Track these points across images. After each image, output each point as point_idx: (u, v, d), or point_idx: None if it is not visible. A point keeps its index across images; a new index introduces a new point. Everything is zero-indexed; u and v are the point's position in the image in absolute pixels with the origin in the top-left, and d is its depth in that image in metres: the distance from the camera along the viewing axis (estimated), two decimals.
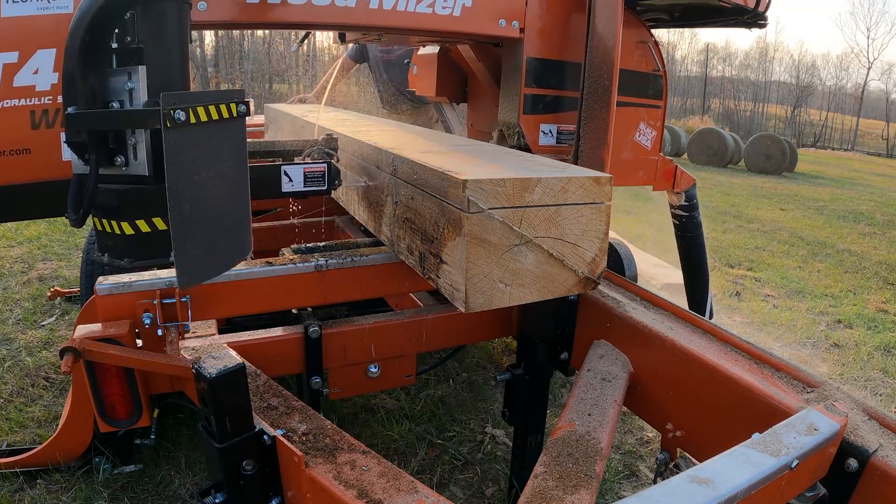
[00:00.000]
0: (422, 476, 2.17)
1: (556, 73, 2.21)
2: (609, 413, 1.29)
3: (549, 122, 2.27)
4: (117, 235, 1.27)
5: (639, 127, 2.45)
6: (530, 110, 2.21)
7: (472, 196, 1.21)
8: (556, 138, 2.31)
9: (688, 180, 2.63)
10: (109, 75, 1.22)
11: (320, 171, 1.72)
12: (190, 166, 1.10)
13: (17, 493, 1.92)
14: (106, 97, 1.22)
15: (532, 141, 2.24)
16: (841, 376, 3.33)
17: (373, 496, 1.01)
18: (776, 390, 1.22)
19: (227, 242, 1.26)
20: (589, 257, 1.40)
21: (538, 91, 2.20)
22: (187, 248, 1.12)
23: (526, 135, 2.23)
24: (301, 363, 1.64)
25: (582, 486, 1.06)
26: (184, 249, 1.11)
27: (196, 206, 1.12)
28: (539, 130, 2.26)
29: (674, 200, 2.68)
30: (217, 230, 1.21)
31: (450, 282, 1.33)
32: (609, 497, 2.12)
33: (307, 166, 1.71)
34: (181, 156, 1.08)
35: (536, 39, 2.12)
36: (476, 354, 3.11)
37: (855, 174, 17.51)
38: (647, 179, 2.57)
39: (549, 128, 2.28)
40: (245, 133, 1.27)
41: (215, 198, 1.18)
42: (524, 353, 1.82)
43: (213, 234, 1.20)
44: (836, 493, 1.10)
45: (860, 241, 7.05)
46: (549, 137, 2.30)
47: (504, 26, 2.05)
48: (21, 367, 2.71)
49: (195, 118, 1.09)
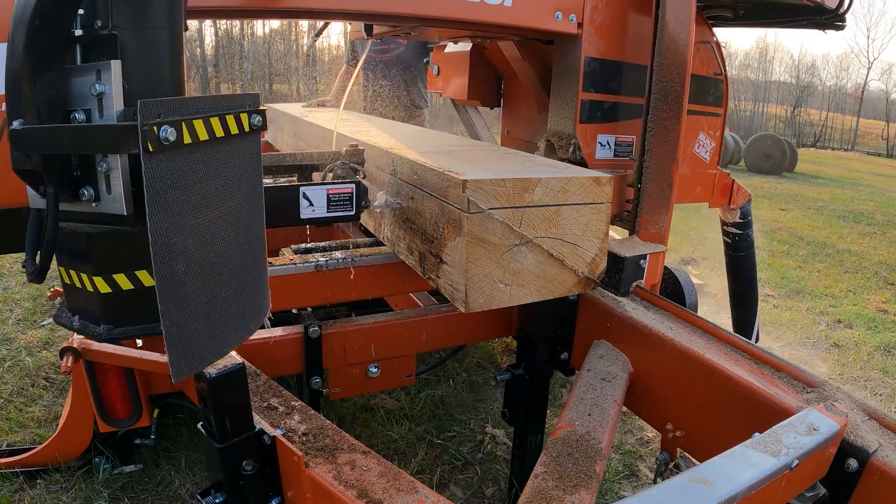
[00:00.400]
0: (422, 476, 2.17)
1: (616, 77, 1.96)
2: (609, 413, 1.29)
3: (606, 131, 1.99)
4: (90, 293, 0.95)
5: (698, 137, 2.21)
6: (587, 118, 1.94)
7: (473, 196, 1.21)
8: (613, 150, 2.03)
9: (744, 195, 2.42)
10: (70, 75, 0.89)
11: (347, 193, 1.46)
12: (183, 207, 0.80)
13: (17, 493, 1.92)
14: (66, 105, 0.89)
15: (588, 154, 1.98)
16: (841, 376, 3.32)
17: (373, 496, 1.01)
18: (776, 390, 1.22)
19: (238, 306, 0.95)
20: (589, 257, 1.40)
21: (596, 96, 1.93)
22: (182, 323, 0.82)
23: (582, 147, 1.96)
24: (301, 363, 1.64)
25: (582, 486, 1.06)
26: (177, 326, 0.81)
27: (193, 262, 0.83)
28: (596, 142, 1.98)
29: (727, 217, 2.47)
30: (224, 292, 0.91)
31: (450, 282, 1.33)
32: (609, 497, 2.12)
33: (332, 187, 1.44)
34: (171, 192, 0.77)
35: (595, 37, 1.86)
36: (476, 354, 3.11)
37: (855, 174, 17.50)
38: (704, 195, 2.32)
39: (606, 139, 2.01)
40: (260, 155, 0.98)
41: (221, 248, 0.89)
42: (524, 353, 1.82)
43: (219, 298, 0.90)
44: (836, 493, 1.10)
45: (860, 241, 7.05)
46: (607, 150, 2.02)
47: (560, 20, 1.77)
48: (21, 367, 2.71)
49: (191, 136, 0.80)
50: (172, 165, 0.78)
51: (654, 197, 1.81)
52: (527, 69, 2.25)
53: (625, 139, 2.04)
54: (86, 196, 0.90)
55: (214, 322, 0.89)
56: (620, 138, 2.03)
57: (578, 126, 1.93)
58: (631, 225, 1.85)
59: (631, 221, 1.85)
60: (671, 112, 1.75)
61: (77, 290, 0.98)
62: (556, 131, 2.02)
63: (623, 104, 2.00)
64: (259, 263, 1.01)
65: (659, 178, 1.80)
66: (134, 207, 0.89)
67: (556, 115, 2.02)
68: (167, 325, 0.79)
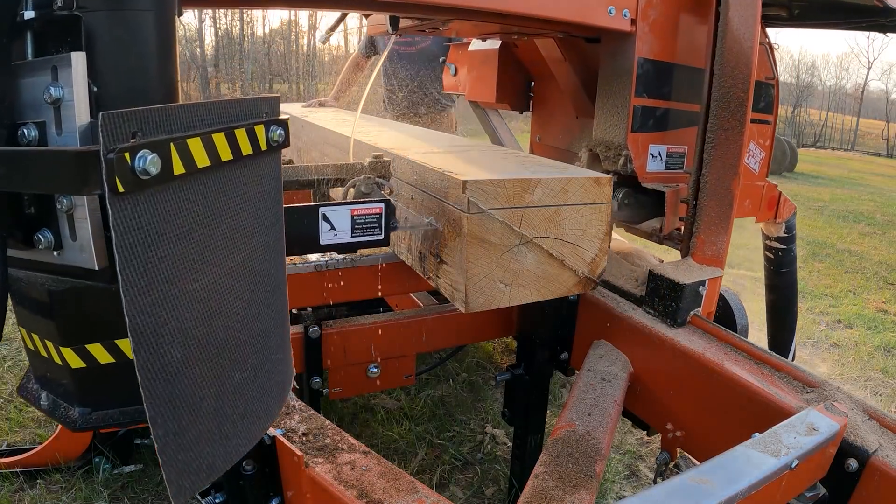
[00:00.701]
0: (422, 476, 2.17)
1: (669, 80, 1.76)
2: (609, 413, 1.29)
3: (658, 141, 1.79)
4: (58, 366, 0.71)
5: (748, 147, 2.02)
6: (639, 126, 1.74)
7: (473, 197, 1.21)
8: (665, 162, 1.83)
9: (790, 208, 2.25)
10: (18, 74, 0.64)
11: (375, 214, 1.25)
12: (176, 268, 0.56)
13: (17, 493, 1.92)
14: (12, 116, 0.64)
15: (639, 166, 1.76)
16: (841, 376, 3.32)
17: (373, 496, 1.01)
18: (776, 390, 1.22)
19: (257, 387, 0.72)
20: (589, 257, 1.40)
21: (649, 102, 1.74)
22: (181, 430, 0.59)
23: (633, 158, 1.75)
24: (301, 363, 1.64)
25: (582, 486, 1.06)
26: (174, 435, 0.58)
27: (194, 345, 0.59)
28: (647, 153, 1.78)
29: (772, 231, 2.29)
30: (237, 374, 0.68)
31: (450, 282, 1.33)
32: (609, 497, 2.12)
33: (356, 207, 1.24)
34: (156, 249, 0.53)
35: (649, 35, 1.67)
36: (476, 354, 3.11)
37: (855, 174, 17.51)
38: (752, 210, 2.13)
39: (658, 149, 1.80)
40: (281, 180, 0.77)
41: (232, 316, 0.65)
42: (524, 353, 1.83)
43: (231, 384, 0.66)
44: (836, 494, 1.10)
45: (860, 241, 7.05)
46: (658, 161, 1.81)
47: (613, 15, 1.58)
48: (21, 367, 2.71)
49: (184, 164, 0.55)
50: (157, 209, 0.52)
51: (712, 215, 1.63)
52: (567, 70, 2.03)
53: (676, 150, 1.85)
54: (43, 243, 0.64)
55: (225, 417, 0.65)
56: (672, 149, 1.84)
57: (630, 135, 1.73)
58: (684, 245, 1.68)
59: (684, 241, 1.68)
60: (733, 121, 1.57)
61: (43, 359, 0.73)
62: (603, 140, 1.81)
63: (675, 111, 1.82)
64: (282, 323, 0.78)
65: (718, 194, 1.61)
66: (108, 259, 0.63)
67: (603, 123, 1.81)
68: (160, 434, 0.57)
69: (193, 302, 0.58)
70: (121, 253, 0.50)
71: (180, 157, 0.55)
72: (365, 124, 2.53)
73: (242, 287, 0.66)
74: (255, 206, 0.68)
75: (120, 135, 0.49)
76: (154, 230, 0.53)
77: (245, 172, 0.66)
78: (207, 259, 0.60)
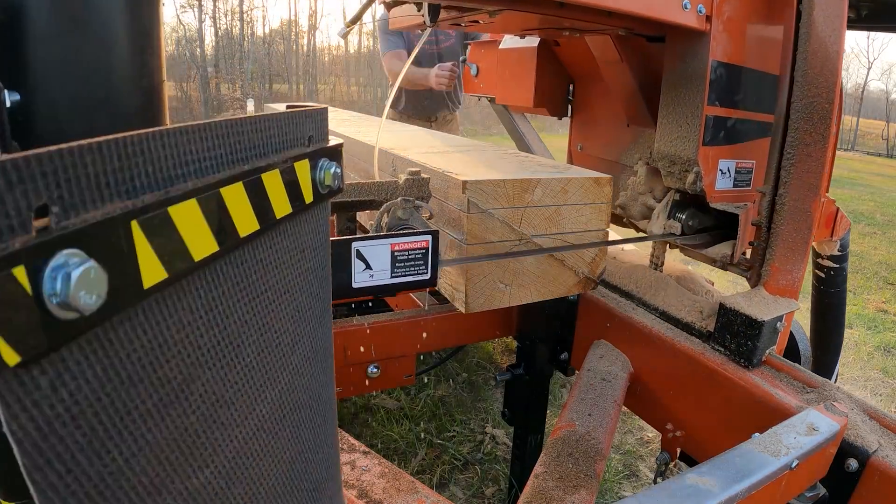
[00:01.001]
0: (422, 476, 2.17)
1: (740, 87, 1.56)
2: (609, 413, 1.29)
3: (728, 156, 1.58)
4: None
5: None
6: (711, 139, 1.52)
7: (473, 197, 1.21)
8: (733, 180, 1.62)
9: (845, 225, 2.10)
10: None
11: (420, 249, 1.04)
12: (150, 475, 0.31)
13: None
14: None
15: (709, 183, 1.55)
16: (841, 376, 3.32)
17: (373, 496, 1.01)
18: (776, 390, 1.22)
19: None
20: (589, 257, 1.40)
21: (721, 111, 1.53)
22: None
23: (703, 174, 1.54)
24: None
25: (582, 486, 1.06)
26: None
27: None
28: (717, 168, 1.57)
29: (825, 250, 2.13)
30: None
31: (450, 282, 1.33)
32: (609, 497, 2.12)
33: (398, 241, 1.01)
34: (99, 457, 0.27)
35: (724, 35, 1.47)
36: (476, 354, 3.11)
37: (855, 174, 17.50)
38: None
39: (727, 164, 1.59)
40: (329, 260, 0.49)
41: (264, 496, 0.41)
42: (524, 353, 1.83)
43: None
44: (836, 494, 1.10)
45: (860, 241, 7.05)
46: (727, 179, 1.60)
47: (688, 10, 1.39)
48: None
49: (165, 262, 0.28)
50: (105, 373, 0.27)
51: (790, 240, 1.45)
52: (622, 72, 1.81)
53: (745, 165, 1.64)
54: None
55: None
56: (741, 164, 1.63)
57: (701, 149, 1.52)
58: (754, 273, 1.50)
59: (754, 269, 1.50)
60: (817, 135, 1.39)
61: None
62: (668, 154, 1.60)
63: (745, 121, 1.61)
64: (333, 464, 0.52)
65: (796, 217, 1.42)
66: None
67: (668, 134, 1.59)
68: None
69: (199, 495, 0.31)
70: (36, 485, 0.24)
71: (157, 249, 0.26)
72: (365, 125, 2.53)
73: (279, 446, 0.40)
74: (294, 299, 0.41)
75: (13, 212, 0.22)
76: (101, 418, 0.26)
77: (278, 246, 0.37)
78: (212, 437, 0.34)
